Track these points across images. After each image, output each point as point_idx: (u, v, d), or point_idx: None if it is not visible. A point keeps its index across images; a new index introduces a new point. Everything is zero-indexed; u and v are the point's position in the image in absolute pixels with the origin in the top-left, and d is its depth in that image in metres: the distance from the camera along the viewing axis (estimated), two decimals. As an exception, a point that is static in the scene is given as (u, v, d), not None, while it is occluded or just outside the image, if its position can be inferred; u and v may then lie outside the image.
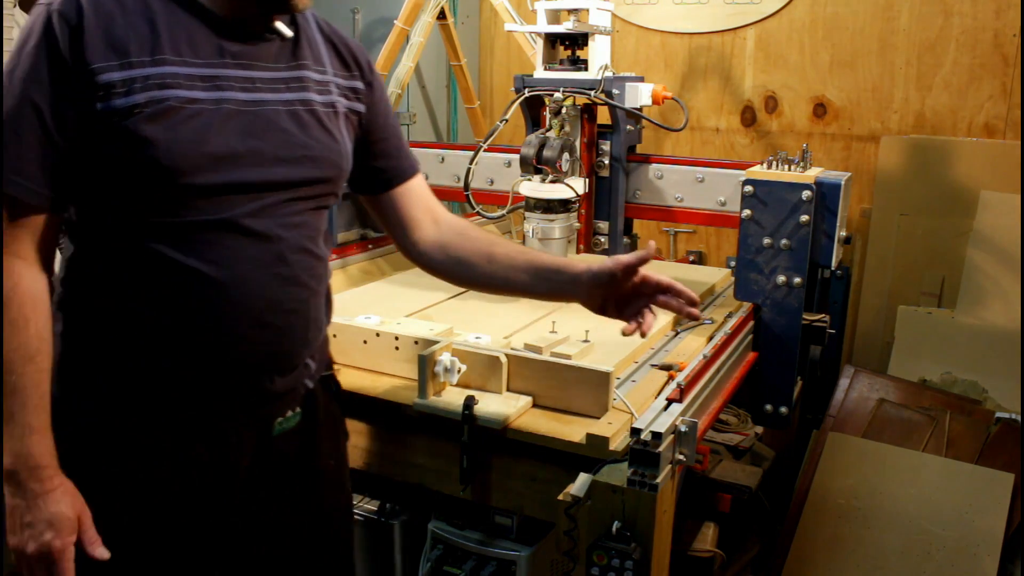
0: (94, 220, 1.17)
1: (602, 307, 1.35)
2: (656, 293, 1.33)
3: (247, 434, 1.29)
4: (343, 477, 1.48)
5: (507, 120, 2.00)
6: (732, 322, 1.81)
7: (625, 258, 1.29)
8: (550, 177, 1.88)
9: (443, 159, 2.34)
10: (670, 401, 1.34)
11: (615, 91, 1.92)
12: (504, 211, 2.05)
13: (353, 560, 1.53)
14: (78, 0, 1.10)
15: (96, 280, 1.18)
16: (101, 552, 1.15)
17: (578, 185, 1.90)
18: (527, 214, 1.96)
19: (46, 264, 1.17)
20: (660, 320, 1.88)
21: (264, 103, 1.21)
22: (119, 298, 1.17)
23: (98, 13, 1.11)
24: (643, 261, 1.29)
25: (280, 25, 1.24)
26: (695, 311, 1.32)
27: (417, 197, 1.46)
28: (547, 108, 1.94)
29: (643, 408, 1.38)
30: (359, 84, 1.36)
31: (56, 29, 1.09)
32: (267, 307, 1.22)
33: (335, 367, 1.48)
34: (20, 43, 1.12)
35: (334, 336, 1.67)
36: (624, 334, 1.33)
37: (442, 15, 2.79)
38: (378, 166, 1.41)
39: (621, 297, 1.34)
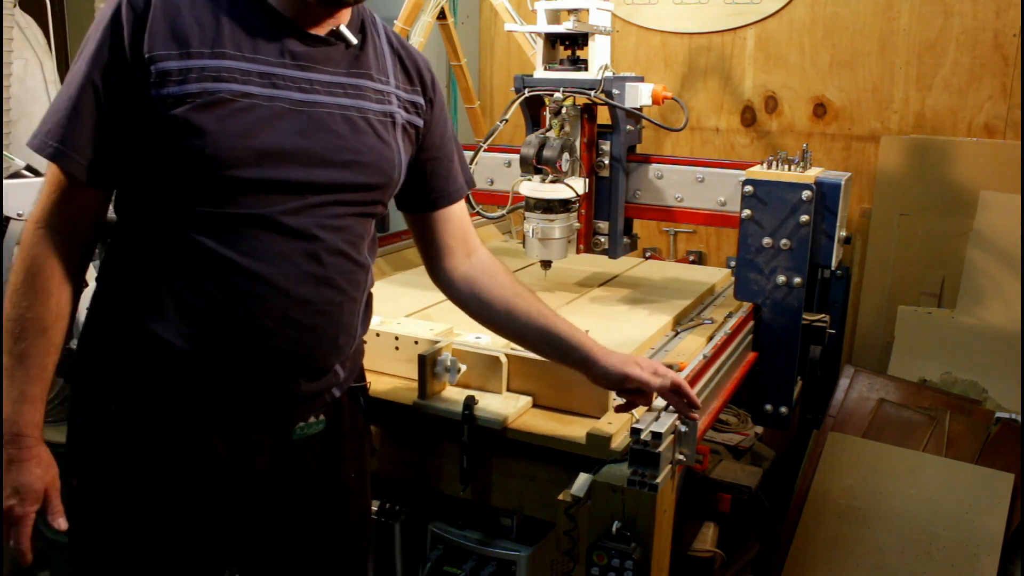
0: (140, 203, 1.20)
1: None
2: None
3: (266, 435, 1.29)
4: (363, 490, 1.45)
5: (507, 120, 2.00)
6: (732, 322, 1.81)
7: (665, 393, 1.32)
8: (550, 177, 1.88)
9: (443, 159, 2.33)
10: (670, 401, 1.34)
11: (615, 91, 1.92)
12: (504, 211, 2.05)
13: (367, 573, 1.51)
14: None
15: (135, 259, 1.20)
16: (60, 523, 1.18)
17: (578, 185, 1.90)
18: (527, 214, 1.96)
19: (84, 242, 1.20)
20: (660, 320, 1.88)
21: (318, 104, 1.22)
22: (153, 278, 1.19)
23: (166, 4, 1.14)
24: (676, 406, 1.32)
25: (346, 30, 1.25)
26: (694, 415, 1.32)
27: (457, 225, 1.45)
28: (547, 108, 1.94)
29: (643, 408, 1.38)
30: (420, 99, 1.36)
31: (123, 17, 1.12)
32: (296, 304, 1.22)
33: (368, 381, 1.47)
34: (93, 27, 1.16)
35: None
36: (615, 410, 1.39)
37: (442, 15, 2.79)
38: (426, 184, 1.40)
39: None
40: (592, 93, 1.91)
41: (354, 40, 1.26)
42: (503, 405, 1.44)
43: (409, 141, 1.33)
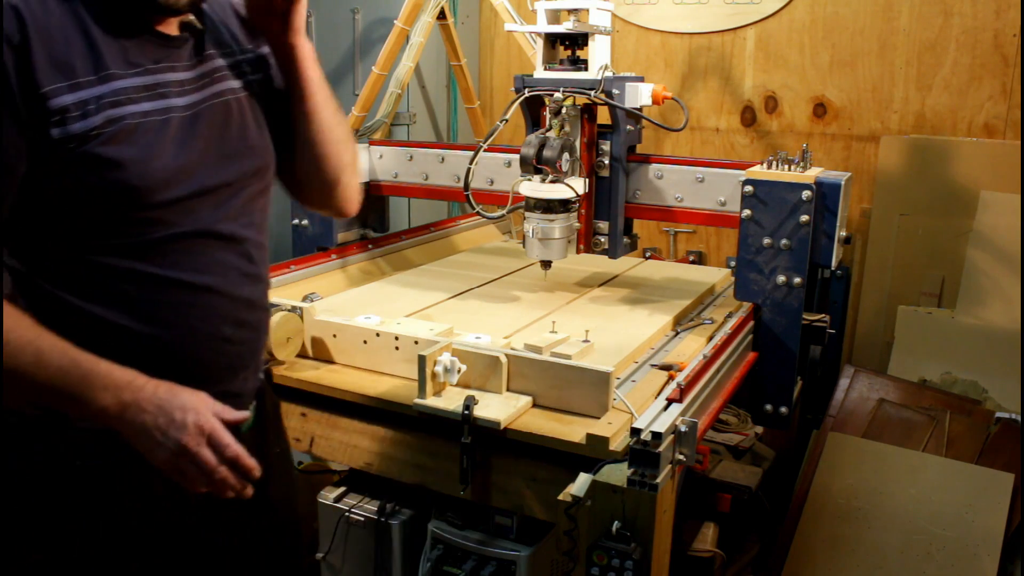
0: (46, 245, 1.12)
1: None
2: None
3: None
4: (289, 464, 1.51)
5: (507, 120, 2.00)
6: (732, 322, 1.81)
7: None
8: (550, 177, 1.88)
9: (443, 159, 2.34)
10: (670, 401, 1.34)
11: (615, 91, 1.92)
12: (504, 211, 2.05)
13: (303, 548, 1.54)
14: (18, 16, 1.03)
15: (55, 300, 1.13)
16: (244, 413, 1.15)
17: (578, 185, 1.90)
18: (527, 214, 1.96)
19: None
20: (660, 320, 1.88)
21: (199, 103, 1.20)
22: (88, 317, 1.13)
23: (38, 30, 1.04)
24: None
25: (193, 18, 1.21)
26: None
27: None
28: (547, 108, 1.94)
29: (643, 408, 1.38)
30: (264, 49, 1.34)
31: (1, 50, 1.01)
32: (243, 306, 1.24)
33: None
34: None
35: (334, 336, 1.67)
36: None
37: (442, 15, 2.79)
38: (286, 126, 1.36)
39: None
40: (592, 93, 1.91)
41: (200, 25, 1.23)
42: (503, 405, 1.44)
43: (264, 101, 1.32)
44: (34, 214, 1.09)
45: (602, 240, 2.08)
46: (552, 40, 2.01)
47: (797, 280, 1.81)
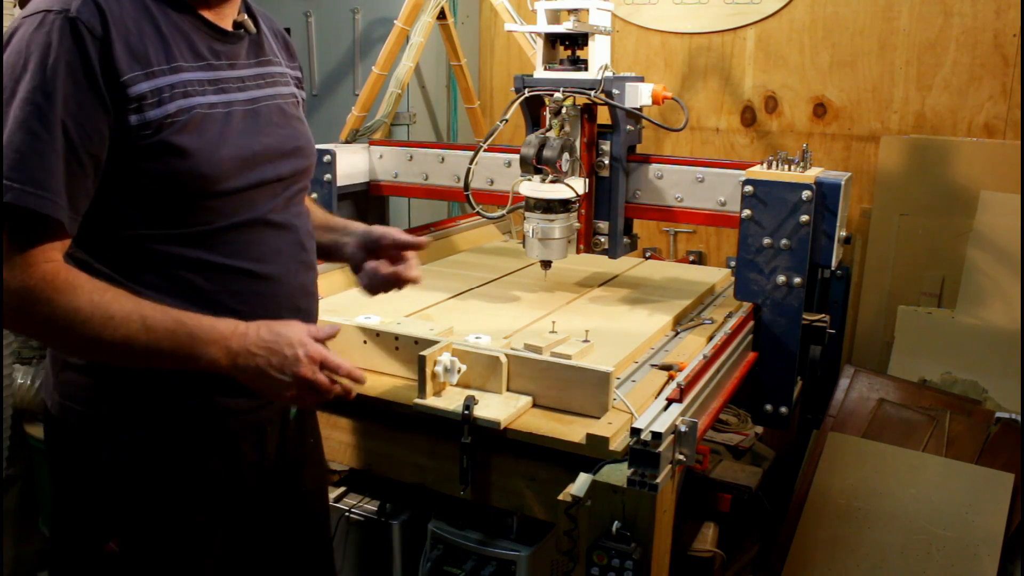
0: (113, 234, 1.15)
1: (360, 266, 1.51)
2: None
3: (275, 424, 1.35)
4: (321, 455, 1.54)
5: (507, 120, 2.00)
6: (732, 322, 1.81)
7: (399, 237, 1.46)
8: (550, 177, 1.88)
9: (443, 159, 2.34)
10: (670, 401, 1.34)
11: (615, 91, 1.92)
12: (504, 211, 2.05)
13: (331, 536, 1.60)
14: (98, 8, 1.07)
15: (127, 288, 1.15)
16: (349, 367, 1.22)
17: (578, 185, 1.90)
18: (527, 214, 1.96)
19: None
20: (660, 320, 1.88)
21: (258, 100, 1.25)
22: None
23: (115, 21, 1.08)
24: (412, 246, 1.49)
25: (247, 20, 1.27)
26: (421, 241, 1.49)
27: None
28: (547, 108, 1.94)
29: (643, 408, 1.38)
30: (300, 72, 1.43)
31: (87, 43, 1.04)
32: (299, 293, 1.30)
33: None
34: (41, 55, 1.03)
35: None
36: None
37: (442, 15, 2.79)
38: None
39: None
40: (592, 93, 1.91)
41: (253, 28, 1.29)
42: (503, 405, 1.44)
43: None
44: (103, 203, 1.11)
45: (602, 240, 2.08)
46: (552, 40, 2.01)
47: (797, 280, 1.81)
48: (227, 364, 1.13)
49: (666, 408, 1.32)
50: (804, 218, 1.77)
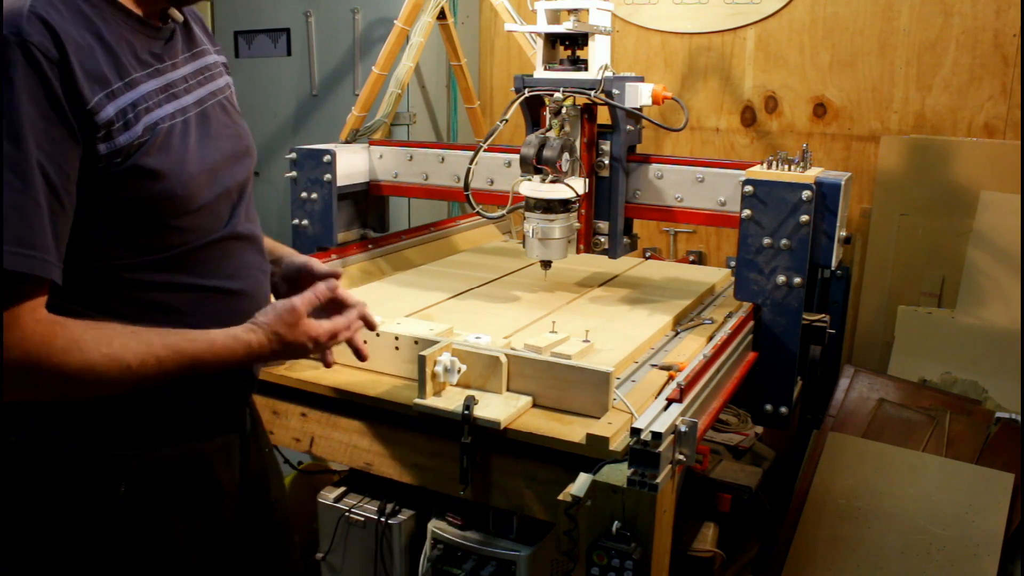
0: (81, 266, 1.05)
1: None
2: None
3: (239, 433, 1.33)
4: (276, 462, 1.54)
5: (507, 120, 2.00)
6: (732, 322, 1.80)
7: (319, 268, 1.36)
8: (550, 177, 1.88)
9: (443, 159, 2.34)
10: (670, 401, 1.34)
11: (615, 91, 1.92)
12: (504, 211, 2.05)
13: (295, 544, 1.57)
14: (47, 26, 0.93)
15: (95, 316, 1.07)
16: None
17: (578, 185, 1.90)
18: (527, 214, 1.96)
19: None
20: (660, 320, 1.88)
21: (203, 101, 1.16)
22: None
23: (67, 38, 0.95)
24: (331, 275, 1.34)
25: (174, 11, 1.16)
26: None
27: None
28: (547, 108, 1.94)
29: (643, 408, 1.38)
30: (223, 55, 1.31)
31: (44, 67, 0.92)
32: (263, 304, 1.23)
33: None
34: None
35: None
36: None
37: (442, 15, 2.79)
38: None
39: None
40: (592, 93, 1.91)
41: (180, 16, 1.17)
42: (503, 405, 1.44)
43: None
44: (72, 236, 1.01)
45: (602, 240, 2.08)
46: (552, 40, 2.01)
47: (797, 280, 1.81)
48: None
49: (666, 408, 1.32)
50: (804, 218, 1.77)
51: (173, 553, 1.20)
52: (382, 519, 1.70)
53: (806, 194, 1.76)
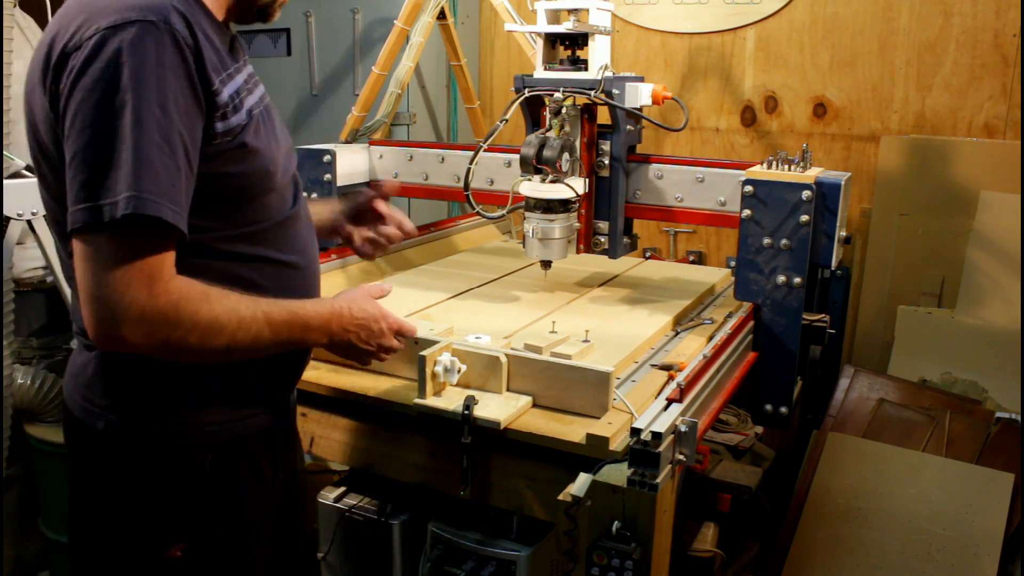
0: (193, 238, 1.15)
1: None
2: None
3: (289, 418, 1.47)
4: (299, 440, 1.60)
5: (507, 120, 2.00)
6: (732, 322, 1.81)
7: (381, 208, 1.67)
8: (550, 177, 1.88)
9: (443, 159, 2.34)
10: (670, 401, 1.34)
11: (615, 91, 1.91)
12: (504, 211, 2.05)
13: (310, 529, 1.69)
14: (182, 16, 1.08)
15: None
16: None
17: (578, 185, 1.90)
18: (527, 214, 1.96)
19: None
20: (660, 320, 1.88)
21: (264, 98, 1.29)
22: None
23: (198, 28, 1.10)
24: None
25: (232, 25, 1.30)
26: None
27: None
28: (547, 108, 1.94)
29: (643, 408, 1.38)
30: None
31: (185, 51, 1.06)
32: (319, 280, 1.39)
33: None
34: (150, 67, 1.02)
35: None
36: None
37: (442, 15, 2.79)
38: None
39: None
40: (592, 93, 1.91)
41: (235, 29, 1.31)
42: (503, 405, 1.44)
43: None
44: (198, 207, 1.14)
45: (602, 240, 2.08)
46: (552, 40, 2.01)
47: (797, 280, 1.81)
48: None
49: (666, 408, 1.32)
50: (804, 218, 1.77)
51: (252, 523, 1.33)
52: (382, 519, 1.70)
53: (806, 194, 1.76)
